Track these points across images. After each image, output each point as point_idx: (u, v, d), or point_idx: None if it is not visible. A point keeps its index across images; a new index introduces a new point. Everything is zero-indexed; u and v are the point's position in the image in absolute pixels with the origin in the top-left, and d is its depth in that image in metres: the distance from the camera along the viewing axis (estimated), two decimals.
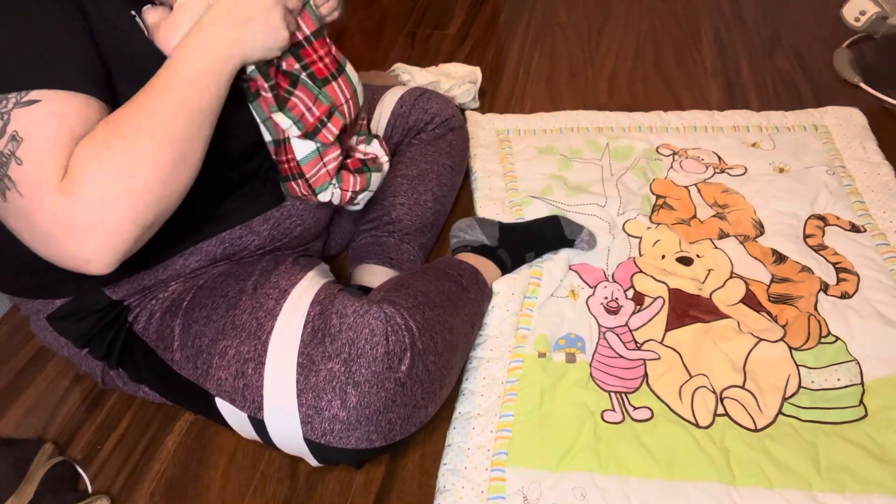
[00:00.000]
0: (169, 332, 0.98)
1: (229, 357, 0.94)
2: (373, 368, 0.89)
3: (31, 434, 1.12)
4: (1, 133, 0.68)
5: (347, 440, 0.91)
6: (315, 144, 0.98)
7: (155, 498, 1.03)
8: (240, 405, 0.94)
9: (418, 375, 0.94)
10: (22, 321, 1.30)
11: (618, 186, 1.47)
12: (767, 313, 1.19)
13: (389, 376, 0.90)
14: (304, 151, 0.98)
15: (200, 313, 0.97)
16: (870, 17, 1.63)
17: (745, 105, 1.72)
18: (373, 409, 0.90)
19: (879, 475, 0.96)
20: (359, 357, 0.89)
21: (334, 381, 0.89)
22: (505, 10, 2.23)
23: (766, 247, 1.31)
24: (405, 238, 1.25)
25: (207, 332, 0.96)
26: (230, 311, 0.96)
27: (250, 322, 0.94)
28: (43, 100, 0.70)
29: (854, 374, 1.09)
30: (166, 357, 0.98)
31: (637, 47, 2.00)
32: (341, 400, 0.89)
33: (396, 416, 0.92)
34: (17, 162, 0.69)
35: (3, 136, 0.68)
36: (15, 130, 0.69)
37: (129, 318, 1.00)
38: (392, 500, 1.00)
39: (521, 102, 1.81)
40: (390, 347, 0.91)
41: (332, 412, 0.89)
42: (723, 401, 1.07)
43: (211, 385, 0.95)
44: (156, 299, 1.00)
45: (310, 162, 0.98)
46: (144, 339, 1.00)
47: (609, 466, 0.99)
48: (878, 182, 1.44)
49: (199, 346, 0.96)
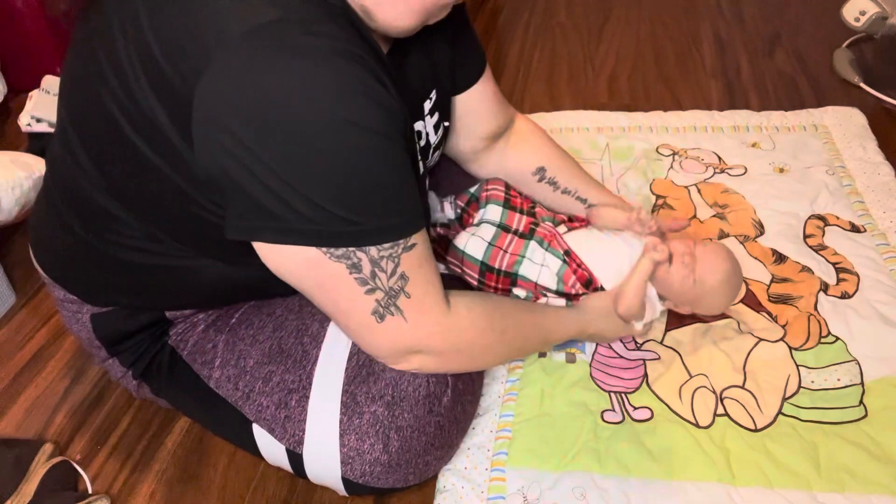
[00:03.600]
0: (211, 346, 0.96)
1: (273, 384, 0.92)
2: (415, 412, 0.89)
3: (31, 434, 1.12)
4: (393, 273, 0.78)
5: (385, 481, 0.91)
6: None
7: (155, 498, 1.03)
8: (279, 436, 0.92)
9: (456, 417, 0.94)
10: (22, 321, 1.30)
11: (618, 186, 1.47)
12: (767, 313, 1.19)
13: (430, 420, 0.90)
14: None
15: (248, 331, 0.96)
16: (870, 17, 1.63)
17: (745, 105, 1.72)
18: (413, 452, 0.90)
19: (879, 475, 0.96)
20: (402, 400, 0.89)
21: (377, 426, 0.88)
22: (505, 10, 2.23)
23: (766, 247, 1.31)
24: None
25: (253, 352, 0.94)
26: (276, 333, 0.95)
27: (296, 348, 0.93)
28: (418, 243, 0.79)
29: (854, 374, 1.08)
30: (203, 373, 0.96)
31: (637, 47, 2.01)
32: (384, 444, 0.88)
33: (433, 458, 0.93)
34: (406, 295, 0.79)
35: (395, 276, 0.78)
36: (403, 271, 0.78)
37: (171, 331, 0.99)
38: (392, 500, 1.00)
39: (521, 102, 1.81)
40: (431, 389, 0.90)
41: (374, 455, 0.89)
42: (723, 401, 1.07)
43: (251, 410, 0.93)
44: (203, 312, 0.99)
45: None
46: (179, 350, 0.98)
47: (609, 466, 0.99)
48: (878, 182, 1.44)
49: (244, 367, 0.94)
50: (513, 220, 1.10)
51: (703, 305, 1.11)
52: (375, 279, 0.77)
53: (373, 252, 0.75)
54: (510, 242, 1.07)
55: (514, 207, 1.12)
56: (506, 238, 1.07)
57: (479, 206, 1.14)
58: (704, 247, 1.10)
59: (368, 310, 0.79)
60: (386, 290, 0.78)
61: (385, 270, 0.77)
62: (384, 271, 0.77)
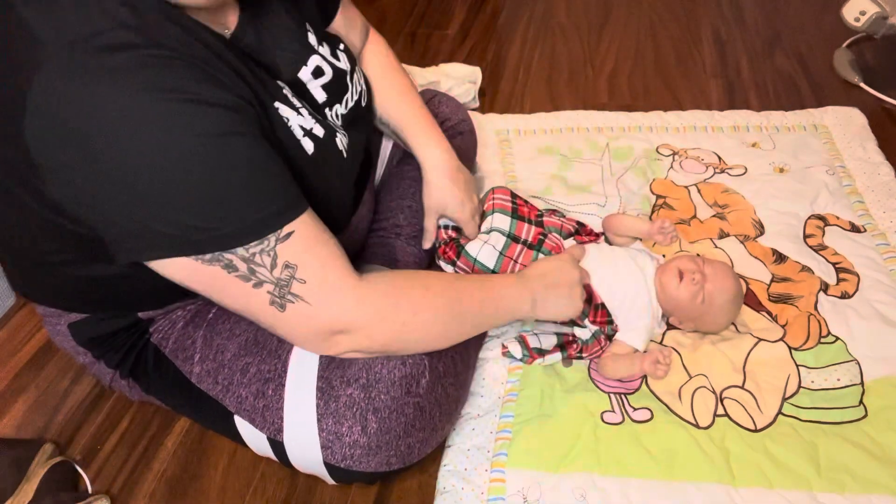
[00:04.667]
0: (191, 342, 0.97)
1: (250, 375, 0.93)
2: (391, 394, 0.89)
3: (31, 434, 1.12)
4: (273, 265, 0.76)
5: (367, 464, 0.91)
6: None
7: (155, 498, 1.03)
8: (259, 426, 0.93)
9: (437, 399, 0.94)
10: (22, 321, 1.30)
11: (618, 186, 1.47)
12: (767, 313, 1.19)
13: (408, 401, 0.90)
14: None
15: (224, 325, 0.97)
16: (870, 17, 1.63)
17: (745, 105, 1.72)
18: (393, 434, 0.90)
19: (879, 475, 0.96)
20: (377, 382, 0.88)
21: (354, 408, 0.88)
22: (505, 10, 2.23)
23: (767, 247, 1.31)
24: (410, 241, 1.25)
25: (230, 346, 0.95)
26: (252, 325, 0.95)
27: (271, 338, 0.94)
28: (295, 230, 0.77)
29: (854, 374, 1.08)
30: (185, 369, 0.97)
31: (637, 47, 2.00)
32: (361, 426, 0.89)
33: (415, 440, 0.93)
34: (301, 281, 0.78)
35: (277, 267, 0.77)
36: (286, 261, 0.77)
37: (151, 328, 0.99)
38: (392, 501, 1.00)
39: (521, 102, 1.80)
40: (407, 371, 0.90)
41: (352, 438, 0.89)
42: (722, 401, 1.07)
43: (231, 402, 0.94)
44: (181, 309, 0.99)
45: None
46: (162, 348, 0.99)
47: (609, 467, 0.99)
48: (878, 182, 1.44)
49: (221, 361, 0.95)
50: (521, 230, 1.11)
51: (708, 322, 1.13)
52: (255, 274, 0.76)
53: (240, 252, 0.75)
54: (520, 253, 1.09)
55: (521, 217, 1.13)
56: (515, 248, 1.10)
57: (482, 212, 1.15)
58: (713, 265, 1.11)
59: (265, 301, 0.79)
60: (274, 282, 0.77)
61: (263, 265, 0.76)
62: (262, 265, 0.76)
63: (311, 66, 0.93)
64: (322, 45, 0.96)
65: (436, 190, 1.11)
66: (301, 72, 0.91)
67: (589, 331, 1.10)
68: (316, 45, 0.95)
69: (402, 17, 2.22)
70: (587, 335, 1.10)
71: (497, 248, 1.09)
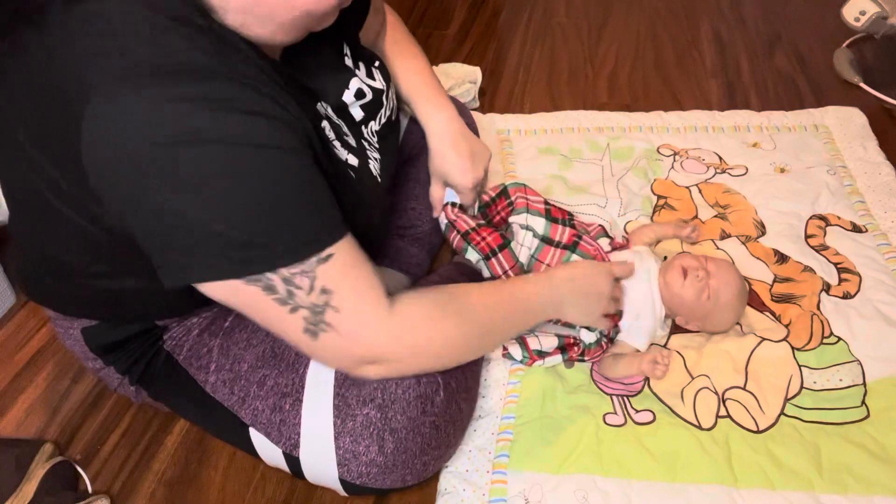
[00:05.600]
0: (206, 351, 0.96)
1: (267, 388, 0.92)
2: (408, 414, 0.88)
3: (31, 434, 1.12)
4: (311, 289, 0.75)
5: (383, 482, 0.91)
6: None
7: (155, 498, 1.03)
8: (275, 440, 0.93)
9: (451, 416, 0.93)
10: (22, 321, 1.30)
11: (618, 187, 1.47)
12: (771, 313, 1.19)
13: (425, 421, 0.89)
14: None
15: (241, 335, 0.96)
16: (870, 17, 1.63)
17: (745, 105, 1.72)
18: (409, 453, 0.90)
19: (881, 476, 0.96)
20: (393, 403, 0.88)
21: (371, 428, 0.88)
22: (505, 10, 2.23)
23: (768, 247, 1.31)
24: (415, 242, 1.25)
25: (247, 356, 0.94)
26: (269, 336, 0.94)
27: (288, 351, 0.93)
28: (335, 253, 0.76)
29: (856, 375, 1.08)
30: (199, 377, 0.96)
31: (637, 47, 2.00)
32: (378, 446, 0.88)
33: (431, 458, 0.93)
34: (335, 310, 0.77)
35: (314, 291, 0.75)
36: (323, 285, 0.75)
37: (165, 335, 0.99)
38: (392, 502, 1.00)
39: (521, 102, 1.80)
40: (422, 390, 0.89)
41: (369, 457, 0.89)
42: (725, 402, 1.06)
43: (246, 414, 0.94)
44: (197, 316, 0.99)
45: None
46: (175, 355, 0.98)
47: (611, 469, 0.99)
48: (879, 182, 1.44)
49: (238, 371, 0.94)
50: (556, 232, 1.11)
51: (714, 321, 1.13)
52: (293, 298, 0.75)
53: (283, 272, 0.73)
54: (552, 256, 1.09)
55: (555, 219, 1.13)
56: (549, 252, 1.09)
57: (509, 205, 1.15)
58: (715, 262, 1.11)
59: (299, 329, 0.77)
60: (309, 307, 0.76)
61: (301, 287, 0.74)
62: (300, 288, 0.74)
63: (353, 88, 0.93)
64: (359, 67, 0.97)
65: (437, 157, 1.10)
66: (344, 94, 0.92)
67: (595, 334, 1.09)
68: (353, 67, 0.95)
69: (401, 17, 2.21)
70: (592, 339, 1.10)
71: (531, 251, 1.10)
